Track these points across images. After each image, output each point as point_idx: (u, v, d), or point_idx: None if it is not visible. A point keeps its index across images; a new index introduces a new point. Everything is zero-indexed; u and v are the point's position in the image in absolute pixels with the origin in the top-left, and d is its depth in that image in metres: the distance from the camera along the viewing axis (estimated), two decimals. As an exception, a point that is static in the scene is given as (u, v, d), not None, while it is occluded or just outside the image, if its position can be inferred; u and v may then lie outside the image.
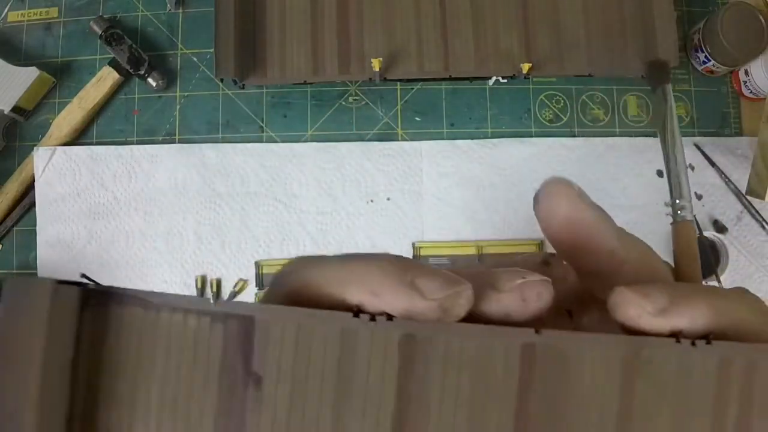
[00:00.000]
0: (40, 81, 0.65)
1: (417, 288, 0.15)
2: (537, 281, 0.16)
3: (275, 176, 0.66)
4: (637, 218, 0.65)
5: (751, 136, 0.66)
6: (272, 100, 0.68)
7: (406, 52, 0.64)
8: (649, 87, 0.64)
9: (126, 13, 0.69)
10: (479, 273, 0.16)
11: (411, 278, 0.15)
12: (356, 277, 0.16)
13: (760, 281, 0.64)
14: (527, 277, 0.16)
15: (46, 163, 0.65)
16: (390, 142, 0.66)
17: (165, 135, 0.67)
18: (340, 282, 0.16)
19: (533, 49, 0.64)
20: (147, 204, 0.65)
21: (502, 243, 0.64)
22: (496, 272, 0.16)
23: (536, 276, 0.16)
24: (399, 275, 0.15)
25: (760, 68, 0.62)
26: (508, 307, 0.16)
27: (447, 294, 0.15)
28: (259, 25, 0.65)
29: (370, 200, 0.65)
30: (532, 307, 0.16)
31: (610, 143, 0.66)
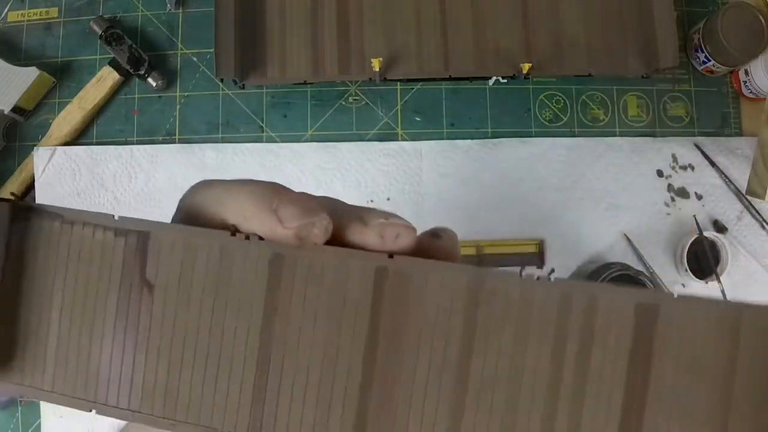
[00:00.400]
0: (40, 81, 0.65)
1: (278, 216, 0.17)
2: (398, 224, 0.17)
3: (275, 176, 0.66)
4: (637, 218, 0.65)
5: (751, 136, 0.66)
6: (272, 100, 0.68)
7: (406, 52, 0.64)
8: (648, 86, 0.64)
9: (126, 13, 0.69)
10: (356, 208, 0.18)
11: (276, 206, 0.17)
12: (233, 201, 0.18)
13: (760, 281, 0.64)
14: (390, 219, 0.18)
15: (46, 163, 0.65)
16: (390, 142, 0.66)
17: (165, 135, 0.67)
18: (221, 204, 0.19)
19: (533, 49, 0.64)
20: (147, 204, 0.65)
21: (502, 243, 0.64)
22: (368, 209, 0.18)
23: (400, 220, 0.18)
24: (267, 202, 0.17)
25: (760, 68, 0.62)
26: (366, 241, 0.17)
27: (302, 223, 0.17)
28: (259, 25, 0.65)
29: (370, 200, 0.65)
30: (388, 246, 0.17)
31: (610, 143, 0.66)
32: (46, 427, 0.62)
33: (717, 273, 0.62)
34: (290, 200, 0.17)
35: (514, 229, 0.65)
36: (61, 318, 0.20)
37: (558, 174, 0.65)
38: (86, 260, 0.20)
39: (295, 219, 0.17)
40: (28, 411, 0.63)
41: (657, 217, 0.65)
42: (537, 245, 0.64)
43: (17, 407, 0.63)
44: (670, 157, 0.66)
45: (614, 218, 0.65)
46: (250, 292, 0.18)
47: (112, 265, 0.20)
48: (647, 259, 0.64)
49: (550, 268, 0.63)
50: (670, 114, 0.67)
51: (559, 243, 0.64)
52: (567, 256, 0.64)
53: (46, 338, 0.20)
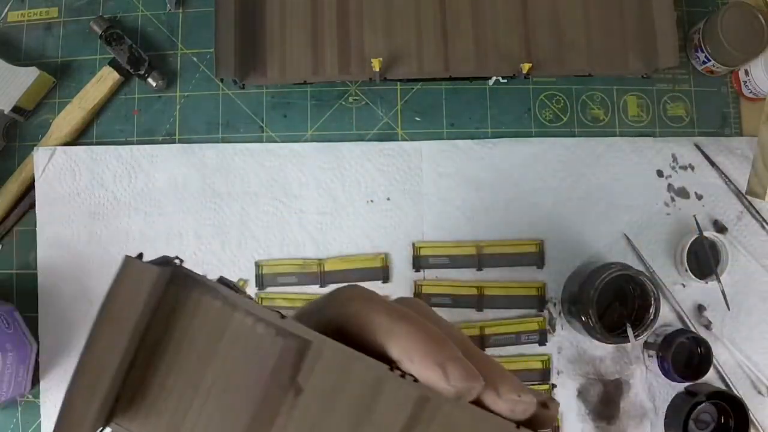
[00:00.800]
0: (40, 81, 0.65)
1: (445, 371, 0.19)
2: (527, 401, 0.20)
3: (275, 176, 0.66)
4: (637, 218, 0.65)
5: (751, 136, 0.66)
6: (272, 100, 0.68)
7: (406, 52, 0.64)
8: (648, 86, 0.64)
9: (126, 13, 0.69)
10: (493, 367, 0.21)
11: (443, 360, 0.19)
12: (400, 338, 0.20)
13: (760, 281, 0.64)
14: (522, 396, 0.20)
15: (46, 163, 0.65)
16: (390, 142, 0.66)
17: (165, 135, 0.67)
18: (387, 335, 0.20)
19: (533, 49, 0.64)
20: (147, 204, 0.65)
21: (501, 243, 0.64)
22: (504, 377, 0.20)
23: (528, 397, 0.20)
24: (435, 354, 0.19)
25: (760, 68, 0.62)
26: (497, 409, 0.20)
27: (465, 386, 0.19)
28: (259, 25, 0.65)
29: (370, 200, 0.65)
30: (516, 417, 0.20)
31: (610, 143, 0.66)
32: (46, 427, 0.62)
33: (717, 273, 0.62)
34: (456, 359, 0.19)
35: (514, 229, 0.65)
36: (197, 392, 0.20)
37: (558, 174, 0.65)
38: (240, 347, 0.21)
39: (460, 381, 0.19)
40: (28, 411, 0.63)
41: (657, 217, 0.65)
42: (537, 245, 0.64)
43: (17, 407, 0.63)
44: (670, 157, 0.66)
45: (614, 218, 0.65)
46: (388, 425, 0.19)
47: (266, 360, 0.21)
48: (647, 259, 0.64)
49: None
50: (670, 114, 0.67)
51: (559, 243, 0.64)
52: (567, 256, 0.64)
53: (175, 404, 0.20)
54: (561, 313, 0.64)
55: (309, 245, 0.65)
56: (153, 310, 0.21)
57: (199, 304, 0.21)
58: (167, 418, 0.21)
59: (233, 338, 0.21)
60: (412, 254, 0.64)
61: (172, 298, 0.21)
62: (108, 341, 0.19)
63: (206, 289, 0.21)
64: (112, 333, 0.19)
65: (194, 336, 0.21)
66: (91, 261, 0.65)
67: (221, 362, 0.21)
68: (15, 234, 0.66)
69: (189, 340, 0.21)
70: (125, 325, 0.19)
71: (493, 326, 0.63)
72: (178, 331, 0.21)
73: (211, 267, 0.64)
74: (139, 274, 0.20)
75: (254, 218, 0.65)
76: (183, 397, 0.21)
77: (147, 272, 0.20)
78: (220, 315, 0.21)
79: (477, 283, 0.64)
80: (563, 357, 0.63)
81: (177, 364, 0.21)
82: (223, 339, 0.21)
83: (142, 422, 0.21)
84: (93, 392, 0.19)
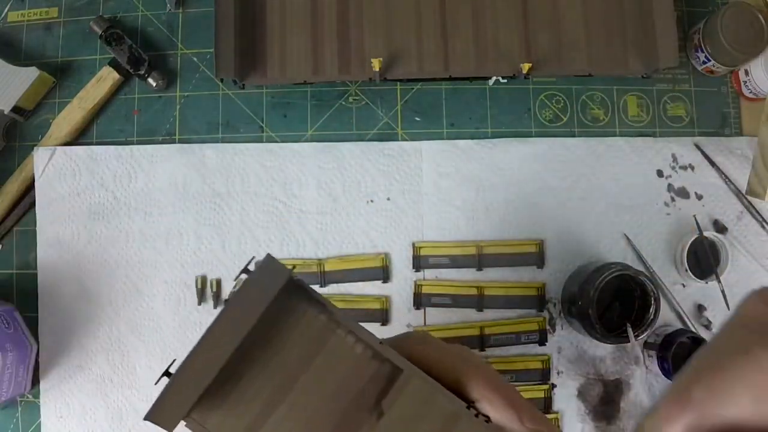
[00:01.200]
0: (40, 81, 0.65)
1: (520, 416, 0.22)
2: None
3: (275, 176, 0.66)
4: (637, 218, 0.65)
5: (751, 136, 0.66)
6: (272, 100, 0.68)
7: (406, 52, 0.64)
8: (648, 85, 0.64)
9: (126, 13, 0.69)
10: (521, 397, 0.23)
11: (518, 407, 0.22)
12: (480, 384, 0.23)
13: (760, 281, 0.64)
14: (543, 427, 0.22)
15: (46, 163, 0.65)
16: (390, 142, 0.66)
17: (165, 135, 0.67)
18: (466, 378, 0.23)
19: (533, 49, 0.64)
20: (147, 204, 0.65)
21: (501, 243, 0.64)
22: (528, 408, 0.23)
23: (548, 427, 0.22)
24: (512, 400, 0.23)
25: (760, 68, 0.62)
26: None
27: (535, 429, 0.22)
28: (259, 25, 0.65)
29: (370, 200, 0.65)
30: None
31: (610, 143, 0.66)
32: (46, 427, 0.62)
33: (717, 273, 0.62)
34: (528, 407, 0.23)
35: (514, 229, 0.65)
36: (283, 401, 0.21)
37: (558, 174, 0.65)
38: (335, 364, 0.22)
39: (532, 424, 0.22)
40: (28, 411, 0.63)
41: (657, 217, 0.65)
42: (537, 245, 0.64)
43: (17, 407, 0.63)
44: (670, 157, 0.66)
45: (614, 218, 0.65)
46: None
47: (357, 380, 0.22)
48: (647, 259, 0.64)
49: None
50: (670, 114, 0.67)
51: (559, 243, 0.64)
52: (567, 256, 0.64)
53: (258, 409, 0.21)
54: (561, 313, 0.64)
55: (309, 245, 0.65)
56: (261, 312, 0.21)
57: (304, 315, 0.22)
58: (246, 422, 0.21)
59: (330, 354, 0.21)
60: (412, 254, 0.64)
61: (280, 304, 0.21)
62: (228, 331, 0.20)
63: (314, 302, 0.22)
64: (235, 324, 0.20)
65: (293, 345, 0.21)
66: (91, 261, 0.65)
67: (313, 375, 0.21)
68: (15, 234, 0.66)
69: (287, 348, 0.21)
70: (248, 319, 0.20)
71: (493, 326, 0.63)
72: (277, 338, 0.22)
73: (211, 267, 0.64)
74: (275, 272, 0.21)
75: (254, 218, 0.65)
76: (268, 403, 0.21)
77: (282, 272, 0.21)
78: (323, 330, 0.22)
79: (477, 283, 0.64)
80: (563, 357, 0.63)
81: (269, 370, 0.21)
82: (320, 353, 0.21)
83: (219, 422, 0.21)
84: (199, 379, 0.20)
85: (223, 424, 0.21)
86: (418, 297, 0.64)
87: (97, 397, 0.63)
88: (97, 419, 0.62)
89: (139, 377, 0.63)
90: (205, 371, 0.20)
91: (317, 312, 0.22)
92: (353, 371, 0.21)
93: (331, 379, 0.21)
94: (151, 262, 0.64)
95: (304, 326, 0.21)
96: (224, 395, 0.21)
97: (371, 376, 0.21)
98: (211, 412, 0.21)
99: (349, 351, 0.22)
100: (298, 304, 0.22)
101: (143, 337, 0.63)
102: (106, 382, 0.63)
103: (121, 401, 0.63)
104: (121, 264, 0.65)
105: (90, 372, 0.63)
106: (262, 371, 0.21)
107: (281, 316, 0.21)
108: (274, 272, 0.21)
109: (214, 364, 0.20)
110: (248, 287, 0.21)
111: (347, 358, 0.22)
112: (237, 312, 0.20)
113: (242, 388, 0.21)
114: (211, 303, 0.64)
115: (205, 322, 0.63)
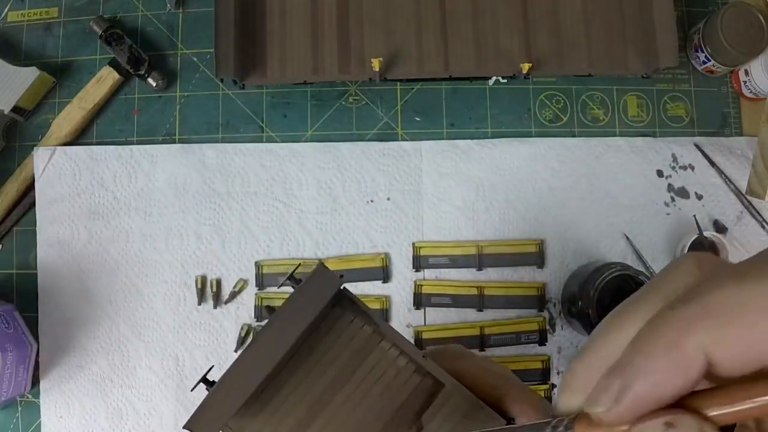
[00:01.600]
0: (40, 81, 0.65)
1: None
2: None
3: (275, 176, 0.66)
4: (637, 218, 0.65)
5: (751, 136, 0.66)
6: (272, 100, 0.68)
7: (406, 52, 0.64)
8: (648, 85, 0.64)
9: (126, 13, 0.69)
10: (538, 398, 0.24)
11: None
12: (518, 401, 0.23)
13: (760, 281, 0.64)
14: None
15: (46, 163, 0.65)
16: (390, 142, 0.66)
17: (165, 135, 0.67)
18: (506, 395, 0.23)
19: (533, 49, 0.64)
20: (147, 204, 0.65)
21: (502, 243, 0.64)
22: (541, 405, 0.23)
23: None
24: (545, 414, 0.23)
25: (760, 68, 0.62)
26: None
27: None
28: (259, 25, 0.65)
29: (370, 200, 0.65)
30: None
31: (610, 143, 0.66)
32: (46, 427, 0.62)
33: (717, 273, 0.61)
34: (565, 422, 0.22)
35: (514, 229, 0.65)
36: (323, 410, 0.21)
37: (558, 174, 0.65)
38: (378, 373, 0.21)
39: None
40: (28, 411, 0.63)
41: (657, 217, 0.65)
42: (537, 245, 0.64)
43: (17, 407, 0.63)
44: (670, 157, 0.66)
45: (614, 218, 0.65)
46: None
47: (399, 392, 0.21)
48: (647, 259, 0.64)
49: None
50: (670, 114, 0.67)
51: (559, 243, 0.64)
52: (567, 256, 0.64)
53: (298, 417, 0.21)
54: (561, 313, 0.64)
55: (309, 245, 0.65)
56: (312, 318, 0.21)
57: (349, 326, 0.22)
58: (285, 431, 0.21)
59: (373, 366, 0.21)
60: (412, 254, 0.64)
61: (325, 314, 0.21)
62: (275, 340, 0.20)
63: (360, 312, 0.22)
64: (282, 333, 0.20)
65: (336, 356, 0.21)
66: (91, 261, 0.65)
67: (354, 386, 0.21)
68: (15, 234, 0.66)
69: (330, 358, 0.21)
70: (296, 328, 0.20)
71: (493, 326, 0.63)
72: (321, 347, 0.21)
73: (211, 267, 0.64)
74: (327, 280, 0.21)
75: (254, 218, 0.65)
76: (307, 413, 0.21)
77: (334, 281, 0.21)
78: (367, 341, 0.22)
79: (477, 283, 0.64)
80: (563, 357, 0.63)
81: (310, 380, 0.21)
82: (362, 365, 0.21)
83: (256, 430, 0.21)
84: (242, 388, 0.20)
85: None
86: (418, 297, 0.64)
87: (97, 397, 0.63)
88: (97, 419, 0.62)
89: (139, 377, 0.63)
90: (249, 380, 0.20)
91: (362, 323, 0.22)
92: (395, 384, 0.21)
93: (372, 392, 0.21)
94: (151, 262, 0.64)
95: (348, 337, 0.22)
96: (263, 404, 0.21)
97: (412, 390, 0.21)
98: (249, 421, 0.21)
99: (392, 364, 0.22)
100: (343, 314, 0.22)
101: (143, 337, 0.63)
102: (106, 382, 0.63)
103: (121, 401, 0.63)
104: (121, 264, 0.65)
105: (90, 372, 0.63)
106: (304, 381, 0.21)
107: (326, 325, 0.22)
108: (326, 282, 0.21)
109: (259, 373, 0.20)
110: (298, 296, 0.20)
111: (390, 371, 0.22)
112: (285, 321, 0.20)
113: (282, 397, 0.21)
114: (211, 303, 0.64)
115: (205, 322, 0.63)
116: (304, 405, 0.21)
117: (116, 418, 0.62)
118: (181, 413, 0.62)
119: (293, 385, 0.21)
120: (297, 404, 0.21)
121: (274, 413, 0.21)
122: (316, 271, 0.21)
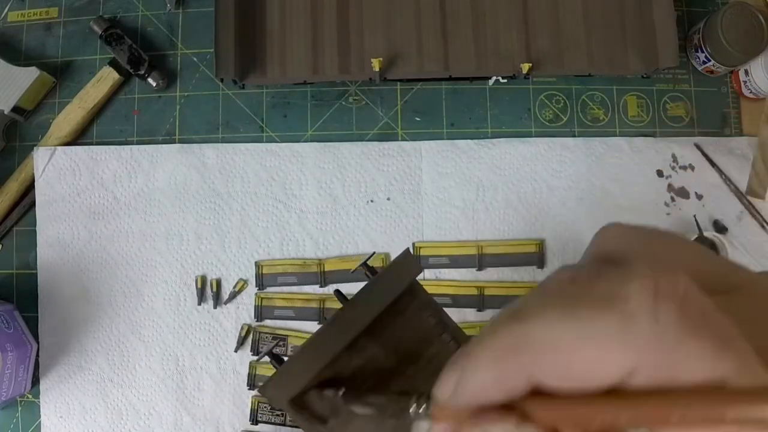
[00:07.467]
0: (40, 81, 0.65)
1: None
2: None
3: (275, 176, 0.66)
4: (637, 218, 0.65)
5: (751, 136, 0.66)
6: (272, 100, 0.68)
7: (406, 52, 0.64)
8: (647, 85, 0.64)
9: (126, 13, 0.69)
10: None
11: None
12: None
13: (760, 281, 0.64)
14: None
15: (46, 163, 0.65)
16: (390, 142, 0.66)
17: (165, 135, 0.67)
18: None
19: (533, 49, 0.64)
20: (147, 204, 0.65)
21: (502, 243, 0.64)
22: None
23: None
24: None
25: (760, 68, 0.62)
26: None
27: None
28: (259, 25, 0.65)
29: (370, 200, 0.65)
30: None
31: (610, 143, 0.66)
32: (46, 427, 0.62)
33: (717, 273, 0.61)
34: None
35: (514, 229, 0.65)
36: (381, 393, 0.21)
37: (558, 174, 0.65)
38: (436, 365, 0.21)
39: None
40: (28, 411, 0.63)
41: (657, 217, 0.65)
42: (537, 245, 0.64)
43: (17, 407, 0.63)
44: (670, 157, 0.66)
45: (614, 218, 0.64)
46: None
47: None
48: (647, 259, 0.63)
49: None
50: (670, 114, 0.67)
51: (559, 243, 0.64)
52: (567, 256, 0.64)
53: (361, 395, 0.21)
54: (561, 313, 0.64)
55: (309, 245, 0.65)
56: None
57: (416, 316, 0.22)
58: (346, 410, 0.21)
59: (433, 357, 0.22)
60: (413, 254, 0.64)
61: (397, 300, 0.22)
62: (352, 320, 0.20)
63: (426, 304, 0.22)
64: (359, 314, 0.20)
65: (400, 343, 0.21)
66: (91, 261, 0.65)
67: (413, 374, 0.21)
68: (15, 234, 0.66)
69: (394, 345, 0.21)
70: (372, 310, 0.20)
71: (493, 326, 0.63)
72: (388, 332, 0.22)
73: (211, 267, 0.64)
74: (408, 267, 0.21)
75: (254, 218, 0.65)
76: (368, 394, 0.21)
77: (415, 267, 0.21)
78: (430, 332, 0.22)
79: (477, 283, 0.64)
80: (563, 357, 0.63)
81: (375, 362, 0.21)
82: (423, 355, 0.22)
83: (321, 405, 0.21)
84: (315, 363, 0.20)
85: (324, 408, 0.21)
86: (418, 297, 0.63)
87: (97, 397, 0.63)
88: (97, 419, 0.62)
89: (139, 377, 0.63)
90: (322, 356, 0.20)
91: (428, 314, 0.22)
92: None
93: (428, 382, 0.21)
94: (151, 262, 0.64)
95: (414, 326, 0.22)
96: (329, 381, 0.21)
97: None
98: (315, 396, 0.21)
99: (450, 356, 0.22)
100: (411, 302, 0.22)
101: (143, 337, 0.63)
102: (106, 382, 0.63)
103: (121, 401, 0.63)
104: (121, 264, 0.65)
105: (90, 372, 0.63)
106: (369, 362, 0.21)
107: (396, 311, 0.22)
108: (408, 267, 0.21)
109: (331, 350, 0.20)
110: (380, 279, 0.21)
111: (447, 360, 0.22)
112: (364, 303, 0.20)
113: (346, 375, 0.21)
114: (211, 303, 0.64)
115: (205, 322, 0.63)
116: (366, 386, 0.21)
117: (116, 418, 0.62)
118: (181, 413, 0.62)
119: (357, 366, 0.21)
120: (360, 385, 0.21)
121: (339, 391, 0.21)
122: (401, 257, 0.21)
